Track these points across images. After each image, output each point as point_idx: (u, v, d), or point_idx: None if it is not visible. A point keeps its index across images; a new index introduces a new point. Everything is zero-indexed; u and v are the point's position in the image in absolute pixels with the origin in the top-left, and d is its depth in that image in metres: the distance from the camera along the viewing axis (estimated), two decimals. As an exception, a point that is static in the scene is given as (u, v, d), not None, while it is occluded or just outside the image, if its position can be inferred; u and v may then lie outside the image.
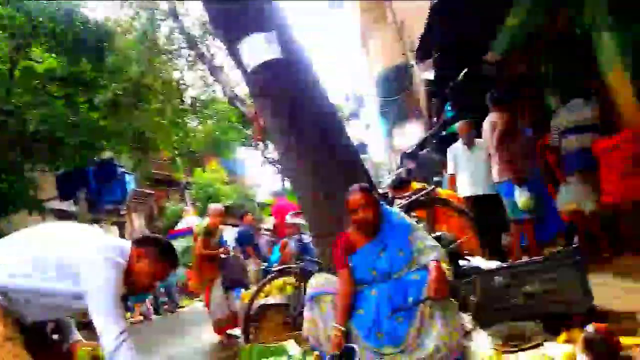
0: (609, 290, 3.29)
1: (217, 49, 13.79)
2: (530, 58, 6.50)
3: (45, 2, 11.60)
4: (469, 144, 5.87)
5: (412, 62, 10.99)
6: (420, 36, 6.63)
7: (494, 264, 3.04)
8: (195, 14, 13.72)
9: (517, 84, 6.74)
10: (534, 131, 5.83)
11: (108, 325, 2.05)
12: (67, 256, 2.16)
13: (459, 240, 3.87)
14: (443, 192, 6.23)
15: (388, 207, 3.08)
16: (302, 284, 4.51)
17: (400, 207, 3.77)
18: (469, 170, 5.79)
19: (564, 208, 4.75)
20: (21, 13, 11.16)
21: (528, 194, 4.80)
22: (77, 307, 2.21)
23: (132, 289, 2.36)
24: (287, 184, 22.87)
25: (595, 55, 4.73)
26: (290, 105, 3.60)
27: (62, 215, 13.74)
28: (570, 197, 4.70)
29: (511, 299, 2.86)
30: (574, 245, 2.85)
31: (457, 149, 6.05)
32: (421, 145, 11.81)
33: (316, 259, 4.78)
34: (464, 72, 7.47)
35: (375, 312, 2.71)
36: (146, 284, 2.36)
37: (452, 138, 10.20)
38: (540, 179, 5.03)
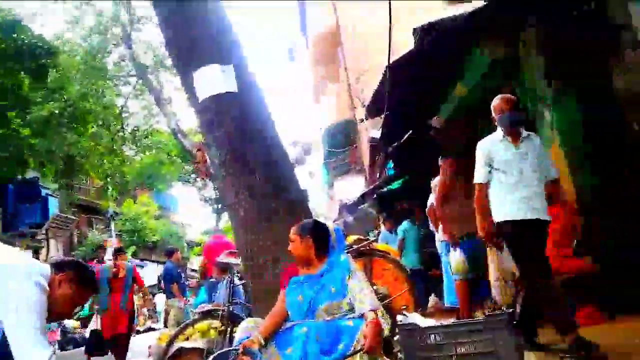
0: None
1: (166, 80, 13.66)
2: (474, 126, 6.82)
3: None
4: (514, 137, 3.62)
5: (361, 118, 11.28)
6: (372, 94, 6.82)
7: (430, 322, 3.00)
8: (150, 42, 13.59)
9: (460, 150, 7.01)
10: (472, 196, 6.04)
11: (39, 351, 1.91)
12: None
13: (394, 295, 3.83)
14: (379, 246, 6.26)
15: (339, 250, 3.06)
16: (229, 329, 4.29)
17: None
18: (516, 179, 3.56)
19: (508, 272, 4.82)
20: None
21: (462, 256, 4.88)
22: None
23: (49, 315, 2.18)
24: (221, 224, 22.45)
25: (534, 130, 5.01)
26: (237, 138, 3.53)
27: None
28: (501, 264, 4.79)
29: (445, 358, 2.82)
30: (509, 310, 2.86)
31: (494, 142, 3.69)
32: (361, 199, 11.97)
33: (246, 304, 4.59)
34: (409, 133, 7.72)
35: (303, 351, 2.60)
36: (66, 310, 2.25)
37: (391, 196, 10.49)
38: (477, 243, 5.14)
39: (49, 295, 2.12)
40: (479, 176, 3.73)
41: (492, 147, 3.67)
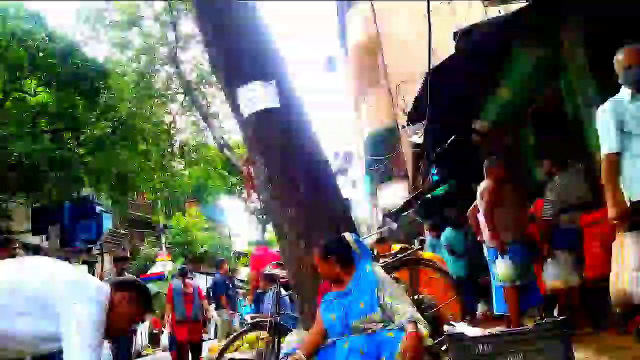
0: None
1: (212, 96, 14.05)
2: (519, 129, 6.68)
3: (46, 36, 11.78)
4: None
5: (402, 124, 11.23)
6: (413, 100, 6.80)
7: (478, 331, 2.96)
8: (195, 60, 14.02)
9: (504, 154, 6.88)
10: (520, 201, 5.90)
11: None
12: (47, 293, 2.09)
13: (440, 305, 3.80)
14: (425, 254, 6.20)
15: (364, 259, 3.04)
16: (276, 339, 4.36)
17: (383, 266, 3.70)
18: None
19: (550, 284, 4.72)
20: (21, 47, 11.29)
21: (509, 264, 4.78)
22: (42, 348, 2.13)
23: (107, 332, 2.27)
24: (267, 235, 22.76)
25: (582, 131, 4.88)
26: (281, 154, 3.60)
27: (33, 249, 13.33)
28: (556, 273, 4.68)
29: (494, 369, 2.77)
30: (560, 318, 2.79)
31: (622, 103, 3.07)
32: (405, 206, 11.87)
33: (293, 314, 4.64)
34: (452, 138, 7.63)
35: None
36: (123, 328, 2.34)
37: (436, 202, 10.36)
38: (526, 250, 5.01)
39: (108, 314, 2.21)
40: (609, 144, 3.01)
41: (621, 108, 3.00)
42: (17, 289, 2.06)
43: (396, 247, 5.41)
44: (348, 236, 3.13)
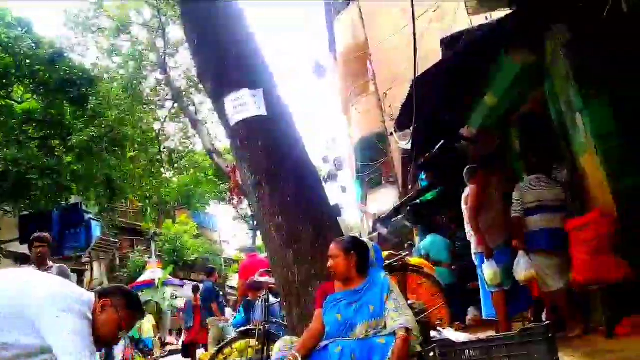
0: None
1: (200, 103, 14.03)
2: (505, 134, 6.74)
3: (33, 43, 11.71)
4: None
5: (391, 130, 11.28)
6: (400, 107, 6.84)
7: (464, 336, 2.99)
8: (184, 66, 14.00)
9: (491, 159, 6.94)
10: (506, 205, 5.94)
11: None
12: (23, 307, 2.03)
13: (430, 310, 3.81)
14: (413, 260, 6.22)
15: (378, 267, 3.10)
16: (265, 347, 4.35)
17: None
18: None
19: (519, 278, 4.72)
20: (8, 53, 11.22)
21: (495, 268, 4.82)
22: None
23: (96, 342, 2.22)
24: (258, 241, 22.74)
25: (565, 137, 4.94)
26: (267, 161, 3.61)
27: (21, 258, 13.18)
28: (526, 268, 4.68)
29: (481, 374, 2.79)
30: (545, 322, 2.81)
31: None
32: (395, 212, 11.91)
33: (282, 322, 4.63)
34: (440, 144, 7.68)
35: None
36: (111, 335, 2.26)
37: (425, 207, 10.40)
38: (512, 253, 5.05)
39: (95, 323, 2.17)
40: None
41: None
42: None
43: (384, 253, 5.42)
44: (368, 242, 3.21)
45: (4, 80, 11.80)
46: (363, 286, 2.92)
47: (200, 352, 10.29)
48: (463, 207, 5.27)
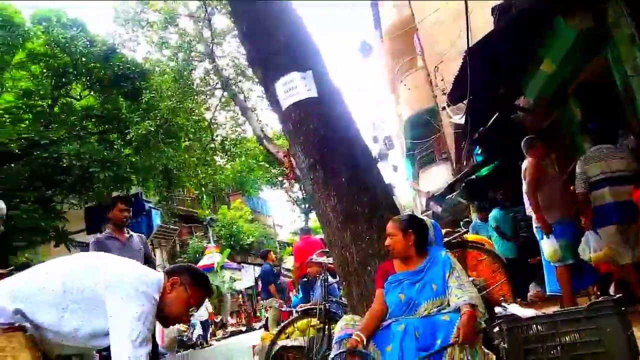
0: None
1: (249, 90, 14.17)
2: (563, 104, 6.46)
3: (87, 42, 12.18)
4: None
5: (443, 106, 11.04)
6: (452, 81, 6.67)
7: (531, 312, 2.92)
8: (231, 55, 14.15)
9: (550, 130, 6.68)
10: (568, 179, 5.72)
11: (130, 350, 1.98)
12: (96, 288, 2.09)
13: (491, 287, 3.75)
14: (471, 237, 6.10)
15: (438, 245, 3.10)
16: (326, 326, 4.42)
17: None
18: None
19: (588, 258, 4.54)
20: (64, 53, 11.72)
21: (555, 244, 4.66)
22: (94, 344, 2.13)
23: (166, 320, 2.31)
24: (310, 224, 22.98)
25: (631, 103, 4.68)
26: (321, 143, 3.62)
27: (88, 248, 13.87)
28: (595, 249, 4.49)
29: (548, 350, 2.72)
30: (616, 295, 2.70)
31: None
32: (449, 189, 11.70)
33: (342, 301, 4.69)
34: (494, 117, 7.45)
35: (401, 348, 2.63)
36: (181, 313, 2.29)
37: (481, 183, 10.16)
38: (574, 228, 4.86)
39: (163, 302, 2.21)
40: None
41: None
42: (69, 285, 2.07)
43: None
44: (427, 220, 3.20)
45: (63, 79, 12.35)
46: (424, 265, 2.90)
47: (261, 332, 10.57)
48: (523, 180, 5.11)
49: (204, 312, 15.51)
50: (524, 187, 5.02)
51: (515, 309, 2.90)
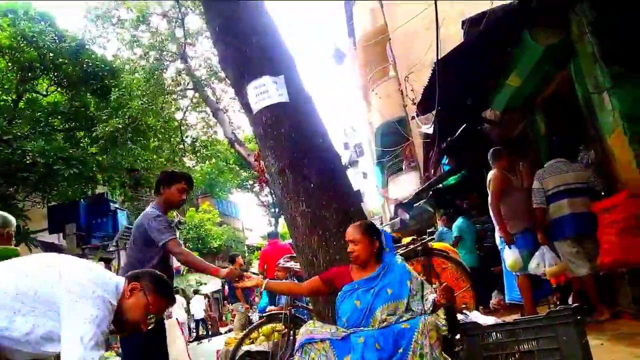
0: (607, 355, 3.23)
1: (222, 91, 14.07)
2: (530, 117, 6.64)
3: (56, 37, 11.89)
4: None
5: (412, 115, 11.19)
6: (422, 90, 6.78)
7: (491, 320, 2.98)
8: (204, 56, 14.04)
9: (515, 142, 6.85)
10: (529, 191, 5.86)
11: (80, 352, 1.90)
12: (51, 290, 2.01)
13: (455, 294, 3.80)
14: (436, 244, 6.20)
15: (391, 251, 3.13)
16: (291, 331, 4.41)
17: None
18: None
19: (545, 272, 4.64)
20: (31, 47, 11.42)
21: (516, 254, 4.76)
22: (47, 349, 2.03)
23: (123, 326, 2.22)
24: (280, 228, 22.92)
25: (593, 117, 4.84)
26: (291, 147, 3.62)
27: (50, 248, 13.52)
28: (550, 264, 4.58)
29: (507, 357, 2.79)
30: (574, 305, 2.78)
31: None
32: (416, 197, 11.86)
33: (307, 306, 4.69)
34: (462, 127, 7.60)
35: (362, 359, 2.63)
36: (139, 319, 2.21)
37: (448, 192, 10.33)
38: (536, 239, 4.98)
39: (121, 307, 2.15)
40: None
41: None
42: (22, 288, 2.00)
43: (406, 240, 5.42)
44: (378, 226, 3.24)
45: (29, 74, 12.04)
46: (379, 271, 2.95)
47: (226, 336, 10.47)
48: (488, 191, 5.23)
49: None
50: (489, 198, 5.14)
51: (476, 316, 2.96)
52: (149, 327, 2.25)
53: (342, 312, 2.92)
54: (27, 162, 10.62)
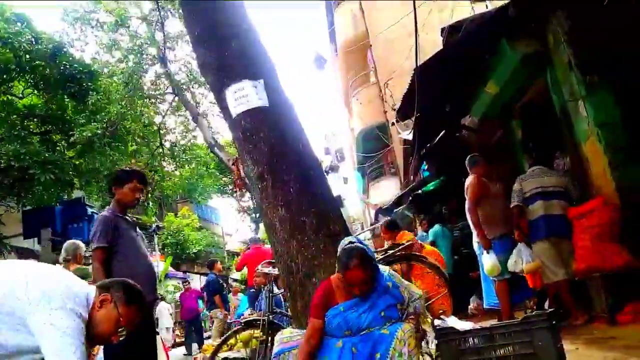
0: (581, 359, 3.27)
1: (201, 95, 13.99)
2: (507, 124, 6.73)
3: (33, 38, 11.67)
4: None
5: (393, 121, 11.27)
6: (402, 97, 6.83)
7: (468, 325, 2.99)
8: (183, 59, 13.97)
9: (493, 149, 6.93)
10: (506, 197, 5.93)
11: None
12: (15, 301, 1.91)
13: (433, 299, 3.82)
14: (428, 248, 6.24)
15: (380, 267, 2.93)
16: (269, 338, 4.37)
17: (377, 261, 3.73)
18: None
19: (522, 269, 4.70)
20: (7, 48, 11.19)
21: (494, 260, 4.82)
22: None
23: (92, 339, 2.10)
24: (260, 233, 22.79)
25: (568, 124, 4.93)
26: (270, 152, 3.60)
27: (25, 253, 13.22)
28: (527, 260, 4.66)
29: (484, 362, 2.80)
30: (549, 310, 2.82)
31: None
32: (396, 202, 11.92)
33: (286, 312, 4.66)
34: (441, 134, 7.67)
35: None
36: (108, 332, 2.10)
37: (427, 198, 10.41)
38: (513, 244, 5.04)
39: (91, 319, 2.06)
40: None
41: None
42: None
43: (387, 243, 5.44)
44: (364, 245, 3.07)
45: (5, 76, 11.78)
46: (373, 292, 2.75)
47: (206, 342, 10.36)
48: (466, 196, 5.28)
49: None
50: (466, 204, 5.18)
51: (453, 321, 2.97)
52: (120, 340, 2.15)
53: (330, 329, 2.76)
54: (2, 165, 10.38)
